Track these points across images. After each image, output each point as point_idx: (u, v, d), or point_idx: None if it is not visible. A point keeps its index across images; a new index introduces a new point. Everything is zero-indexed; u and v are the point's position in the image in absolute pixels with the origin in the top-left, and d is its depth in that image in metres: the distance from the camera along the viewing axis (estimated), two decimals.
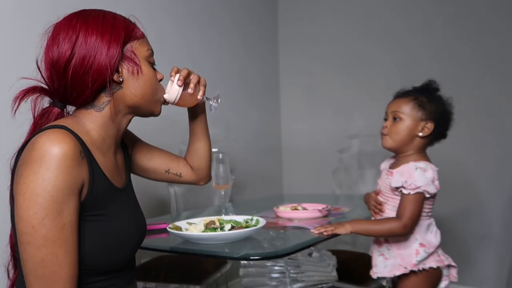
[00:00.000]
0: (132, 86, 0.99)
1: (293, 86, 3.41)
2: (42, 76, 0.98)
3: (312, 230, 1.39)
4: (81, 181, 0.88)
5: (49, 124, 0.93)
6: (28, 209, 0.82)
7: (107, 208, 0.95)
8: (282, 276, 2.03)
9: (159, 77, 1.06)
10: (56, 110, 0.99)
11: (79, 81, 0.94)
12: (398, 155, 1.47)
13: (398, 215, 1.35)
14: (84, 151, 0.90)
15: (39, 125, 0.98)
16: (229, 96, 2.99)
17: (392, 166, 1.46)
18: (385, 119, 1.46)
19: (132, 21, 1.04)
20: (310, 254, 2.08)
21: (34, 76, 0.99)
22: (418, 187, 1.33)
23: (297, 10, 3.36)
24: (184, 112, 2.75)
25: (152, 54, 1.04)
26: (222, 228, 1.36)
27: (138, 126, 1.19)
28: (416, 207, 1.34)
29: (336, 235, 1.37)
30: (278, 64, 3.47)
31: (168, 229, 1.35)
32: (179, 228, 1.37)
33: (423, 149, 1.44)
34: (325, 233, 1.35)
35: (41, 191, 0.82)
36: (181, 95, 1.16)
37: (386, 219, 1.40)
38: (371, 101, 3.00)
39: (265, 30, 3.35)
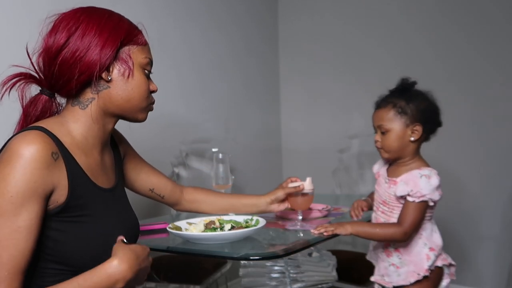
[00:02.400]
0: (120, 88, 0.99)
1: (293, 86, 3.41)
2: (32, 63, 0.98)
3: (312, 230, 1.38)
4: (50, 185, 0.88)
5: (29, 126, 0.94)
6: None
7: (91, 208, 0.95)
8: (282, 276, 2.03)
9: (152, 88, 1.05)
10: (44, 98, 0.99)
11: (66, 70, 0.94)
12: (396, 162, 1.44)
13: (400, 222, 1.34)
14: (60, 153, 0.90)
15: (29, 113, 0.98)
16: (229, 96, 2.99)
17: (392, 174, 1.43)
18: (375, 132, 1.44)
19: (140, 28, 1.04)
20: (310, 254, 2.08)
21: (26, 65, 0.99)
22: (424, 196, 1.31)
23: (297, 10, 3.36)
24: (183, 113, 2.75)
25: (149, 63, 1.04)
26: (222, 228, 1.36)
27: (138, 126, 1.19)
28: (418, 214, 1.32)
29: (336, 235, 1.37)
30: (278, 64, 3.46)
31: (168, 229, 1.35)
32: (179, 228, 1.37)
33: (419, 149, 1.43)
34: (325, 233, 1.35)
35: (0, 190, 0.82)
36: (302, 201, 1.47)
37: (387, 224, 1.38)
38: (371, 101, 2.98)
39: (265, 30, 3.35)
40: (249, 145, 3.13)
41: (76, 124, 0.98)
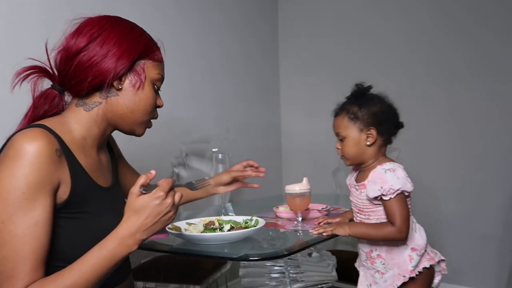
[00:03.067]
0: (128, 98, 1.02)
1: (293, 86, 3.41)
2: (48, 58, 1.02)
3: (310, 231, 1.39)
4: (57, 180, 0.90)
5: (30, 124, 0.97)
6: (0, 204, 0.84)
7: (90, 206, 0.97)
8: (282, 276, 2.03)
9: (158, 103, 1.09)
10: (54, 93, 1.03)
11: (81, 72, 0.98)
12: (361, 167, 1.44)
13: (391, 222, 1.32)
14: (62, 150, 0.93)
15: (38, 105, 1.01)
16: (230, 96, 2.99)
17: (360, 179, 1.42)
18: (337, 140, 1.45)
19: (159, 45, 1.08)
20: (310, 254, 2.08)
21: (42, 60, 1.02)
22: (397, 190, 1.29)
23: (297, 9, 3.36)
24: (183, 113, 2.75)
25: (160, 80, 1.07)
26: (221, 229, 1.36)
27: None
28: (403, 208, 1.31)
29: (335, 235, 1.37)
30: (278, 64, 3.47)
31: (167, 229, 1.35)
32: (179, 229, 1.37)
33: (382, 151, 1.41)
34: (324, 234, 1.35)
35: (11, 187, 0.84)
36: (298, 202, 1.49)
37: (381, 224, 1.35)
38: None
39: (264, 30, 3.35)
40: (249, 145, 3.13)
41: (77, 124, 1.01)
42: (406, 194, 1.33)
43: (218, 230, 1.36)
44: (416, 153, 2.79)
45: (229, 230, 1.34)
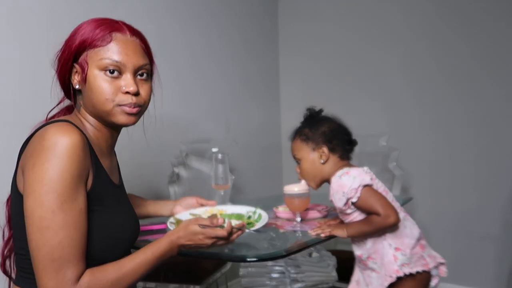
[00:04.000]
0: (86, 93, 1.02)
1: (293, 85, 3.41)
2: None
3: (309, 232, 1.39)
4: (87, 171, 0.94)
5: (54, 119, 1.01)
6: (47, 194, 0.87)
7: (107, 200, 1.01)
8: (282, 276, 2.03)
9: (125, 88, 1.00)
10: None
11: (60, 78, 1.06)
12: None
13: (375, 214, 1.32)
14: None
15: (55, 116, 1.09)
16: (229, 95, 2.99)
17: None
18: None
19: (115, 25, 1.03)
20: (310, 254, 2.08)
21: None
22: (358, 187, 1.31)
23: (297, 9, 3.36)
24: (183, 113, 2.74)
25: (109, 63, 0.99)
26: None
27: (138, 126, 1.19)
28: (376, 196, 1.32)
29: (333, 236, 1.37)
30: (278, 63, 3.46)
31: (169, 225, 1.34)
32: (181, 222, 1.36)
33: (339, 166, 1.43)
34: (322, 235, 1.36)
35: (58, 178, 0.87)
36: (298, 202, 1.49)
37: (370, 217, 1.35)
38: (371, 101, 2.99)
39: (265, 29, 3.35)
40: (249, 145, 3.13)
41: (87, 123, 1.05)
42: (370, 185, 1.34)
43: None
44: (417, 153, 2.79)
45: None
